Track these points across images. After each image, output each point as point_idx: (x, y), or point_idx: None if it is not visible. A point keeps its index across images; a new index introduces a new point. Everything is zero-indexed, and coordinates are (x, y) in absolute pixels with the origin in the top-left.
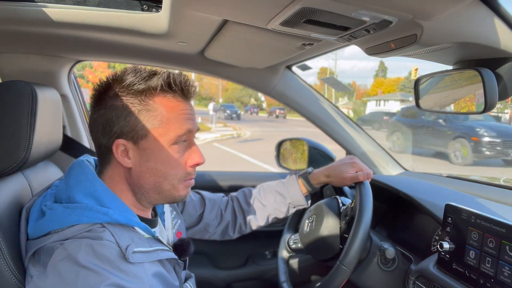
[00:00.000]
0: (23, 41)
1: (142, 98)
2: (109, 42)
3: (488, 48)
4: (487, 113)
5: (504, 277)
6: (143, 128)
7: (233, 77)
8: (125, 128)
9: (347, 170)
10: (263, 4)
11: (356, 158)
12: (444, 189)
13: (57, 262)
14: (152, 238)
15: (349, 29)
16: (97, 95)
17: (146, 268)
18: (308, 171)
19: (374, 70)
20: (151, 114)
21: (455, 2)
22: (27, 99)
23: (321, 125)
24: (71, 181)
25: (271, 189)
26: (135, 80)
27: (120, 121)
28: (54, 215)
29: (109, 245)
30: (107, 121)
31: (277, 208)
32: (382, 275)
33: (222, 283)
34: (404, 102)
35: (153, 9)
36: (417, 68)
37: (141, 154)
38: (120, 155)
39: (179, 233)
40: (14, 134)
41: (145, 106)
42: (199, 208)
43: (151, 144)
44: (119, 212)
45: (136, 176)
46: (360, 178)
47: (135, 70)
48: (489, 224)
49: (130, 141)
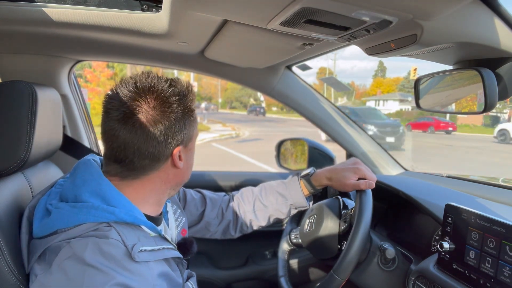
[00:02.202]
0: (23, 41)
1: (191, 108)
2: (110, 42)
3: (488, 48)
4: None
5: (504, 277)
6: (192, 133)
7: (233, 77)
8: (186, 136)
9: (349, 176)
10: (263, 4)
11: (360, 163)
12: (444, 189)
13: (63, 260)
14: (158, 237)
15: (349, 29)
16: (134, 110)
17: (152, 267)
18: (310, 172)
19: (373, 70)
20: (195, 120)
21: (455, 2)
22: (27, 99)
23: (321, 125)
24: (77, 180)
25: (273, 190)
26: (185, 91)
27: (181, 131)
28: (61, 214)
29: (116, 244)
30: (164, 134)
31: (278, 209)
32: (382, 275)
33: (222, 283)
34: (403, 102)
35: (153, 9)
36: (416, 68)
37: (188, 154)
38: (178, 160)
39: (184, 231)
40: (14, 134)
41: (192, 114)
42: (200, 207)
43: (193, 144)
44: (125, 211)
45: (181, 174)
46: (361, 187)
47: (161, 79)
48: (489, 224)
49: (183, 146)
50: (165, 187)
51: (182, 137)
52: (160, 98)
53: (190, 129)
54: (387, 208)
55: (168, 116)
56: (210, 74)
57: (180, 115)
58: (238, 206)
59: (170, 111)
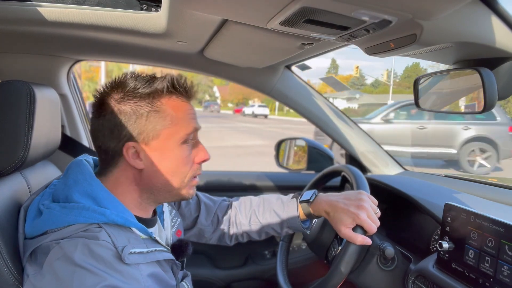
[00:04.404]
0: (22, 41)
1: (150, 100)
2: (109, 42)
3: (488, 48)
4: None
5: (503, 276)
6: (154, 129)
7: (233, 77)
8: (135, 131)
9: (346, 222)
10: (263, 4)
11: (365, 202)
12: (443, 188)
13: (53, 261)
14: (149, 239)
15: (348, 29)
16: (100, 101)
17: (142, 269)
18: (310, 199)
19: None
20: (160, 115)
21: (455, 2)
22: (25, 98)
23: (321, 124)
24: (69, 181)
25: (270, 207)
26: (139, 84)
27: (129, 125)
28: (51, 214)
29: (105, 245)
30: (115, 125)
31: (273, 228)
32: (382, 274)
33: (221, 283)
34: (351, 100)
35: (153, 8)
36: (358, 66)
37: (153, 154)
38: (132, 158)
39: (179, 232)
40: (12, 134)
41: (154, 108)
42: (194, 212)
43: (163, 144)
44: (116, 213)
45: (148, 176)
46: (356, 242)
47: (135, 75)
48: (488, 223)
49: (141, 143)
50: (136, 189)
51: (135, 132)
52: (119, 92)
53: (149, 125)
54: (386, 207)
55: (110, 108)
56: (210, 74)
57: (134, 108)
58: (235, 216)
59: (112, 102)
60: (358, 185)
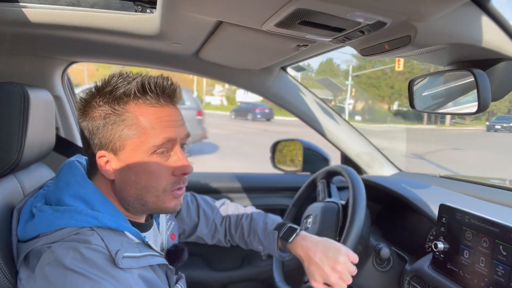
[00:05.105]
0: (16, 42)
1: (115, 107)
2: (104, 44)
3: (481, 49)
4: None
5: (498, 276)
6: (119, 139)
7: (228, 78)
8: (103, 140)
9: (316, 279)
10: (258, 6)
11: (341, 264)
12: (438, 189)
13: (44, 265)
14: (142, 243)
15: (343, 30)
16: (82, 104)
17: (135, 274)
18: (289, 239)
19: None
20: (125, 124)
21: (449, 4)
22: (19, 100)
23: (316, 126)
24: (60, 183)
25: (255, 231)
26: (115, 87)
27: (99, 133)
28: (43, 217)
29: (98, 249)
30: (89, 132)
31: (256, 248)
32: (377, 275)
33: (218, 285)
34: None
35: (147, 10)
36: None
37: (122, 166)
38: (103, 167)
39: (173, 235)
40: (5, 136)
41: (119, 116)
42: (194, 217)
43: (129, 155)
44: (109, 216)
45: (119, 188)
46: None
47: (120, 75)
48: (483, 224)
49: (111, 152)
50: (115, 198)
51: (103, 141)
52: (98, 96)
53: (115, 134)
54: (382, 208)
55: (87, 113)
56: (205, 75)
57: (103, 115)
58: (228, 226)
59: (89, 107)
60: (354, 187)
